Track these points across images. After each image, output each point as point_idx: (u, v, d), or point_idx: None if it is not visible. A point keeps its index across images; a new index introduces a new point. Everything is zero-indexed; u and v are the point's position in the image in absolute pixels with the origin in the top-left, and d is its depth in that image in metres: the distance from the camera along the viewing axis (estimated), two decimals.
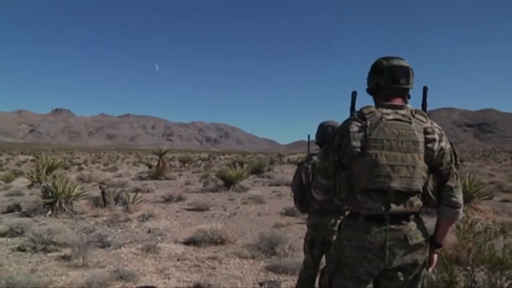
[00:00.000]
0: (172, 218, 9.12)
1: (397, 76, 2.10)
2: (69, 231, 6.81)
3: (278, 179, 18.46)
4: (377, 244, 2.00)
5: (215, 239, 6.43)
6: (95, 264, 5.30)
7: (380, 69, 2.13)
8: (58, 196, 9.18)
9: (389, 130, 2.03)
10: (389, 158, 2.00)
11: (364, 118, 2.07)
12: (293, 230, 7.71)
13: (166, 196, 12.22)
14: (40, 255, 5.73)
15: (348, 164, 2.08)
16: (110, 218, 8.52)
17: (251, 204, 11.42)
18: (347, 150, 2.05)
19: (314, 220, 3.34)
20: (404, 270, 2.06)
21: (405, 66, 2.11)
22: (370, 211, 2.03)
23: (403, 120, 2.05)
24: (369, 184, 2.01)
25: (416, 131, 2.03)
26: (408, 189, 2.00)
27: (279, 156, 53.57)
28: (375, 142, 2.01)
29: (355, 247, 2.05)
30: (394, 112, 2.08)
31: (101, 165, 40.75)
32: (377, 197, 2.01)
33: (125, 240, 6.76)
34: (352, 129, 2.05)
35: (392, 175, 1.99)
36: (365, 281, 2.08)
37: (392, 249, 2.00)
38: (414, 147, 2.02)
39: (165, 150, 25.07)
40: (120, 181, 17.44)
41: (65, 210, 9.13)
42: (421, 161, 2.02)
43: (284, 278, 4.80)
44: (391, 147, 2.01)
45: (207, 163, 38.89)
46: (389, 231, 2.00)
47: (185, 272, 5.11)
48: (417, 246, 2.04)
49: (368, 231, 2.02)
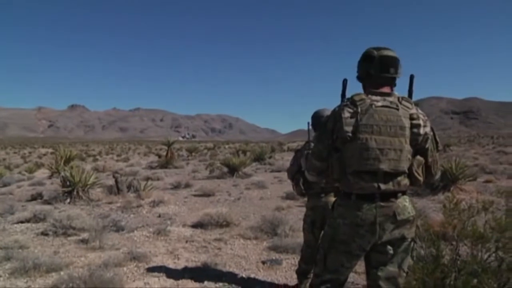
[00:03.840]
0: (181, 203, 9.15)
1: (387, 65, 2.09)
2: (86, 217, 6.83)
3: (279, 166, 18.51)
4: (368, 220, 2.03)
5: (221, 222, 6.45)
6: (111, 246, 5.33)
7: (371, 58, 2.13)
8: (75, 185, 9.22)
9: (379, 116, 2.03)
10: (379, 142, 2.01)
11: (355, 104, 2.07)
12: (293, 212, 7.73)
13: (175, 183, 12.27)
14: (61, 238, 5.78)
15: (340, 147, 2.10)
16: (123, 204, 8.55)
17: (254, 189, 11.46)
18: (340, 134, 2.06)
19: (314, 202, 3.34)
20: (392, 243, 2.09)
21: (394, 56, 2.11)
22: (362, 191, 2.04)
23: (391, 107, 2.06)
24: (360, 166, 2.03)
25: (403, 117, 2.04)
26: (396, 170, 2.03)
27: (280, 144, 53.66)
28: (366, 127, 2.02)
29: (349, 224, 2.07)
30: (383, 99, 2.09)
31: (114, 156, 40.80)
32: (368, 177, 2.03)
33: (137, 224, 6.79)
34: (345, 115, 2.06)
35: (381, 157, 2.00)
36: (357, 255, 2.12)
37: (382, 225, 2.03)
38: (401, 132, 2.03)
39: (173, 141, 25.07)
40: (132, 170, 17.47)
41: (82, 197, 9.18)
42: (407, 145, 2.04)
43: (285, 256, 4.83)
44: (380, 132, 2.02)
45: (213, 152, 38.91)
46: (379, 208, 2.03)
47: (193, 252, 5.13)
48: (405, 222, 2.07)
49: (360, 208, 2.04)
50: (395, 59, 2.11)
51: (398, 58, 2.12)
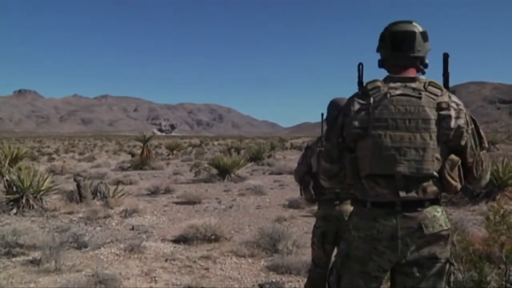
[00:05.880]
0: (159, 213, 9.17)
1: (397, 43, 2.10)
2: (39, 231, 6.83)
3: (280, 167, 18.58)
4: (387, 233, 2.01)
5: (209, 236, 6.46)
6: (70, 268, 5.33)
7: (382, 37, 2.15)
8: (24, 191, 9.17)
9: (395, 107, 2.02)
10: (394, 139, 2.00)
11: (368, 94, 2.08)
12: (298, 224, 7.76)
13: (152, 188, 12.28)
14: (3, 260, 5.69)
15: (353, 146, 2.11)
16: (87, 214, 8.54)
17: (249, 195, 11.50)
18: (350, 130, 2.07)
19: (326, 211, 3.35)
20: (420, 265, 2.05)
21: (408, 30, 2.09)
22: (378, 198, 2.04)
23: (411, 95, 2.03)
24: (373, 168, 2.04)
25: (426, 107, 2.01)
26: (418, 173, 2.00)
27: (281, 140, 53.69)
28: (379, 122, 2.02)
29: (364, 237, 2.07)
30: (403, 85, 2.07)
31: (75, 155, 40.71)
32: (384, 183, 2.02)
33: (105, 239, 6.80)
34: (354, 108, 2.07)
35: (398, 158, 1.99)
36: (377, 277, 2.10)
37: (405, 240, 2.00)
38: (424, 125, 2.00)
39: (150, 136, 25.06)
40: (98, 173, 17.49)
41: (34, 207, 9.13)
42: (433, 141, 2.00)
43: (287, 278, 4.84)
44: (397, 126, 2.00)
45: (199, 150, 38.92)
46: (401, 218, 2.01)
47: (174, 274, 5.14)
48: (436, 237, 2.03)
49: (376, 218, 2.03)
50: (410, 33, 2.09)
51: (416, 32, 2.09)
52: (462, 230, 4.16)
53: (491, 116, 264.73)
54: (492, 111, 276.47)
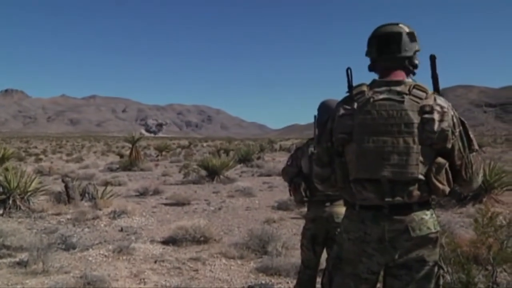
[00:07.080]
0: (148, 214, 9.14)
1: (384, 44, 2.11)
2: (26, 233, 6.77)
3: (269, 169, 18.65)
4: (375, 236, 2.03)
5: (198, 238, 6.46)
6: (58, 269, 5.27)
7: (370, 40, 2.17)
8: (11, 191, 9.09)
9: (377, 112, 2.02)
10: (377, 144, 2.01)
11: (352, 99, 2.09)
12: (287, 226, 7.78)
13: (141, 189, 12.27)
14: None
15: (341, 150, 2.13)
16: (75, 216, 8.48)
17: (238, 197, 11.52)
18: (336, 135, 2.10)
19: (316, 213, 3.35)
20: (408, 267, 2.06)
21: (394, 31, 2.10)
22: (365, 202, 2.07)
23: (394, 99, 2.03)
24: (358, 173, 2.05)
25: (410, 111, 2.00)
26: (402, 177, 1.99)
27: (270, 142, 53.77)
28: (361, 127, 2.03)
29: (353, 240, 2.09)
30: (388, 89, 2.06)
31: (63, 155, 40.42)
32: (370, 187, 2.03)
33: (93, 240, 6.76)
34: (339, 113, 2.10)
35: (382, 162, 2.00)
36: (366, 279, 2.12)
37: (392, 242, 2.02)
38: (407, 129, 1.98)
39: (139, 137, 24.97)
40: (86, 174, 17.40)
41: (21, 208, 9.07)
42: (417, 145, 1.99)
43: (277, 280, 4.85)
44: (379, 131, 2.01)
45: (188, 151, 38.87)
46: (388, 221, 2.02)
47: (163, 275, 5.13)
48: (423, 240, 2.03)
49: (364, 221, 2.05)
50: (396, 34, 2.09)
51: (401, 32, 2.09)
52: (450, 232, 4.19)
53: (478, 119, 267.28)
54: (479, 114, 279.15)
